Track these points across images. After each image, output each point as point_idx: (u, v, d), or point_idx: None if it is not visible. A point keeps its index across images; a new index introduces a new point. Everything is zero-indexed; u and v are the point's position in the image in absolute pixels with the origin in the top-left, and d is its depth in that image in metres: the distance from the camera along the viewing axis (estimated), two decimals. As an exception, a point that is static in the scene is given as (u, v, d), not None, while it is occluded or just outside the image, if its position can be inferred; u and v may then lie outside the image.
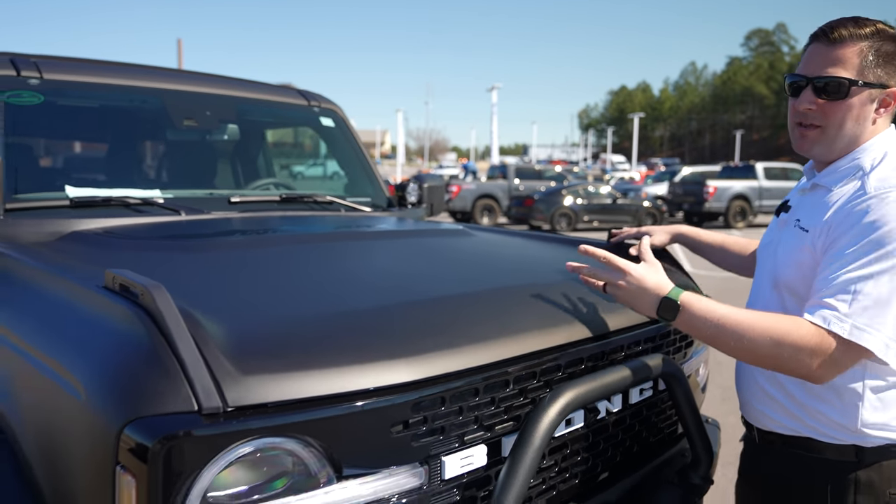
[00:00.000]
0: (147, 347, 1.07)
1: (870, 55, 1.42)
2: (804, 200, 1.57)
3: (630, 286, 1.47)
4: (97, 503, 1.05)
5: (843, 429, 1.45)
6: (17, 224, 1.96)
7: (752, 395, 1.60)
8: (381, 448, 1.16)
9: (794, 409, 1.50)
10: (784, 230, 1.58)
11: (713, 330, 1.38)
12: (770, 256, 1.59)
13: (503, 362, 1.33)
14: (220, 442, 1.01)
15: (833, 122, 1.46)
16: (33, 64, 2.38)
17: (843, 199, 1.42)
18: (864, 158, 1.46)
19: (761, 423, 1.58)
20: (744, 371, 1.63)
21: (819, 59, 1.45)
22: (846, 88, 1.42)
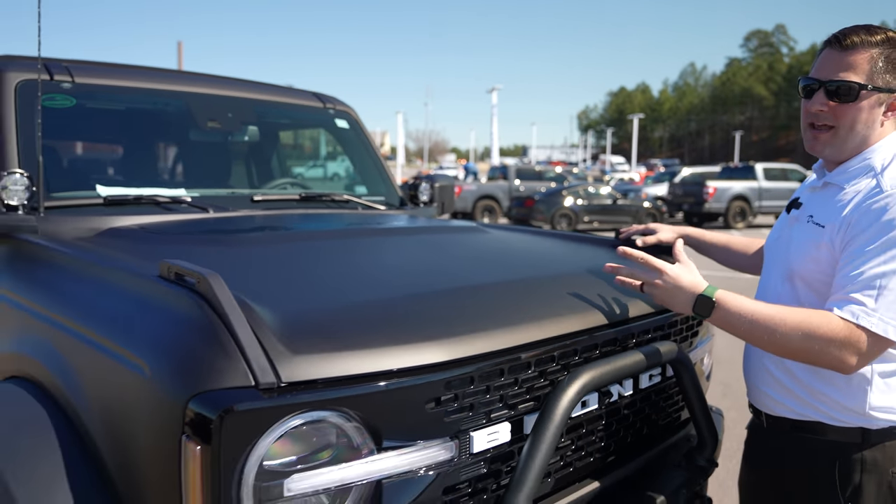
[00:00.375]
0: (207, 329, 1.18)
1: (879, 61, 1.51)
2: (815, 198, 1.65)
3: (667, 285, 1.56)
4: (162, 471, 1.15)
5: (850, 412, 1.54)
6: (57, 221, 2.07)
7: (762, 381, 1.68)
8: (416, 423, 1.26)
9: (803, 394, 1.59)
10: (796, 226, 1.66)
11: (747, 325, 1.46)
12: (782, 251, 1.67)
13: (525, 346, 1.44)
14: (275, 414, 1.12)
15: (844, 124, 1.55)
16: (65, 68, 2.49)
17: (859, 196, 1.51)
18: (874, 159, 1.56)
19: (770, 409, 1.67)
20: (752, 358, 1.72)
21: (832, 63, 1.55)
22: (856, 92, 1.52)
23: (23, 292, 1.75)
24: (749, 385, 1.76)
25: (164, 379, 1.17)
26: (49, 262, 1.78)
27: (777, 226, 1.79)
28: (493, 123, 45.87)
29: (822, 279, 1.54)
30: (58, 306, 1.55)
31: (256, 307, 1.24)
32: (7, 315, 1.78)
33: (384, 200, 3.12)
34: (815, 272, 1.56)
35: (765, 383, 1.67)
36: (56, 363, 1.44)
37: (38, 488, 1.27)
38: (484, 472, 1.38)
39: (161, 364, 1.19)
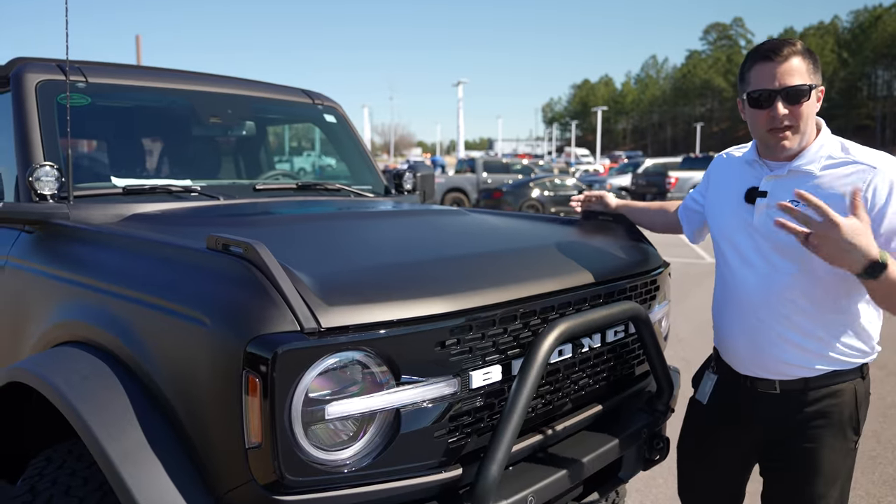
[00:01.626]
0: (257, 286, 1.45)
1: (809, 63, 1.81)
2: (784, 185, 1.85)
3: (842, 242, 1.55)
4: (226, 403, 1.41)
5: (859, 353, 1.85)
6: (86, 208, 2.29)
7: (781, 351, 1.87)
8: (426, 362, 1.55)
9: (824, 349, 1.83)
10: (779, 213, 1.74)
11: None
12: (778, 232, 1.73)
13: (512, 302, 1.74)
14: (318, 352, 1.39)
15: (803, 121, 1.81)
16: (78, 69, 2.70)
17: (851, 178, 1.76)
18: (827, 145, 1.85)
19: (788, 374, 1.87)
20: (763, 335, 1.88)
21: (777, 73, 1.79)
22: (807, 91, 1.79)
23: (68, 268, 1.98)
24: (761, 359, 1.91)
25: (224, 328, 1.43)
26: (93, 242, 2.02)
27: (730, 212, 1.98)
28: (459, 117, 46.15)
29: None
30: (111, 277, 1.79)
31: (294, 269, 1.51)
32: (51, 289, 2.02)
33: (371, 189, 3.39)
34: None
35: (785, 353, 1.86)
36: (115, 325, 1.69)
37: (111, 425, 1.52)
38: (480, 404, 1.67)
39: (221, 316, 1.45)
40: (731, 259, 1.97)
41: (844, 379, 1.86)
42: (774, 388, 1.91)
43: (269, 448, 1.36)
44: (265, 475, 1.38)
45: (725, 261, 2.00)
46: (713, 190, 2.14)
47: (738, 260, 1.95)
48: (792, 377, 1.88)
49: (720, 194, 2.08)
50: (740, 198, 1.95)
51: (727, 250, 2.00)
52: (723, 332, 2.04)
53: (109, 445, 1.48)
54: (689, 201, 2.34)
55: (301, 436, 1.39)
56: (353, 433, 1.48)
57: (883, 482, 3.71)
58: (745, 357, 1.96)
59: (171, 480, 1.46)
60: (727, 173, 2.08)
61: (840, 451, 1.88)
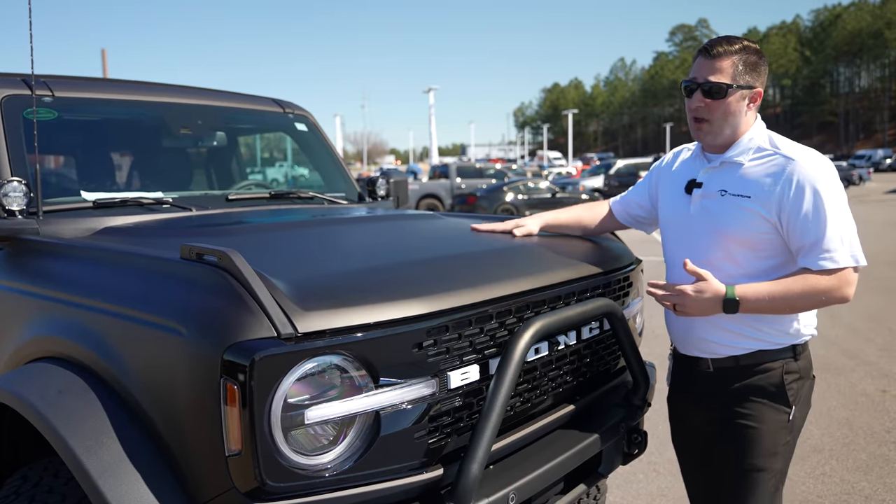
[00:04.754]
0: (233, 294, 1.45)
1: (740, 65, 1.91)
2: (716, 176, 2.00)
3: (696, 301, 1.88)
4: (204, 412, 1.41)
5: (785, 334, 1.97)
6: (56, 223, 2.27)
7: (709, 334, 2.01)
8: (404, 364, 1.55)
9: (749, 331, 1.96)
10: (711, 201, 1.99)
11: (768, 305, 1.86)
12: (705, 222, 1.99)
13: (487, 301, 1.75)
14: (295, 357, 1.40)
15: (717, 116, 1.94)
16: (44, 83, 2.68)
17: (773, 169, 1.90)
18: (756, 138, 1.97)
19: (717, 353, 2.02)
20: (698, 321, 2.00)
21: (705, 68, 1.93)
22: (725, 90, 1.91)
23: (40, 283, 1.96)
24: (691, 340, 2.07)
25: (200, 337, 1.43)
26: (64, 256, 2.00)
27: (672, 204, 2.14)
28: (431, 123, 46.24)
29: (755, 237, 1.91)
30: (84, 291, 1.78)
31: (269, 276, 1.52)
32: (23, 305, 1.99)
33: (345, 196, 3.39)
34: (749, 232, 1.91)
35: (713, 334, 2.00)
36: (90, 339, 1.68)
37: (89, 439, 1.51)
38: (459, 404, 1.68)
39: (197, 325, 1.45)
40: (672, 246, 2.13)
41: (773, 358, 1.98)
42: (709, 367, 2.05)
43: (250, 455, 1.36)
44: (246, 482, 1.38)
45: (668, 248, 2.16)
46: (662, 186, 2.24)
47: (677, 247, 2.10)
48: (721, 356, 2.02)
49: (667, 188, 2.20)
50: (681, 189, 2.10)
51: (669, 238, 2.16)
52: (668, 316, 2.16)
53: (88, 460, 1.47)
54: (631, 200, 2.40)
55: (281, 441, 1.39)
56: (333, 437, 1.48)
57: (857, 468, 3.79)
58: (681, 339, 2.12)
59: (152, 492, 1.45)
60: (675, 169, 2.19)
61: (773, 424, 1.97)
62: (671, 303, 1.93)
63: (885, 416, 4.52)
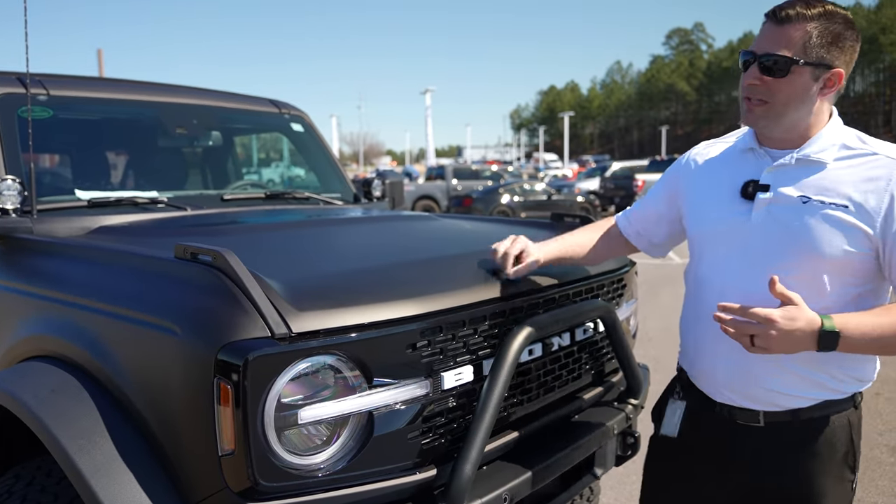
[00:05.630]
0: (227, 294, 1.45)
1: (814, 35, 1.48)
2: (790, 176, 1.57)
3: (781, 333, 1.41)
4: (197, 411, 1.41)
5: (856, 380, 1.60)
6: (50, 222, 2.27)
7: (771, 379, 1.59)
8: (398, 365, 1.56)
9: (822, 377, 1.56)
10: (790, 209, 1.55)
11: (875, 343, 1.44)
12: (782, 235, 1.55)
13: (481, 303, 1.76)
14: (289, 357, 1.40)
15: (778, 99, 1.53)
16: (39, 82, 2.67)
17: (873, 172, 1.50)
18: (839, 134, 1.57)
19: (777, 404, 1.60)
20: (753, 359, 1.57)
21: (767, 37, 1.53)
22: (787, 66, 1.49)
23: (34, 282, 1.96)
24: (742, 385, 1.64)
25: (194, 337, 1.43)
26: (58, 255, 2.00)
27: (717, 211, 1.67)
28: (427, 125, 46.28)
29: (850, 259, 1.50)
30: (78, 289, 1.78)
31: (263, 275, 1.52)
32: (16, 304, 1.99)
33: (340, 197, 3.39)
34: (844, 253, 1.49)
35: (777, 379, 1.58)
36: (83, 338, 1.67)
37: (81, 438, 1.50)
38: (453, 405, 1.69)
39: (191, 325, 1.45)
40: (716, 264, 1.66)
41: (837, 409, 1.60)
42: (758, 421, 1.64)
43: (243, 455, 1.36)
44: (239, 482, 1.38)
45: (708, 267, 1.69)
46: (692, 191, 1.79)
47: (724, 266, 1.64)
48: (781, 408, 1.61)
49: (705, 192, 1.74)
50: (734, 193, 1.64)
51: (711, 255, 1.69)
52: (696, 351, 1.75)
53: (80, 459, 1.47)
54: (640, 214, 1.97)
55: (274, 441, 1.39)
56: (326, 437, 1.49)
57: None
58: (724, 383, 1.67)
59: (144, 492, 1.45)
60: (712, 168, 1.76)
61: (836, 494, 1.62)
62: (749, 334, 1.44)
63: (877, 418, 4.54)
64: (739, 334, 1.45)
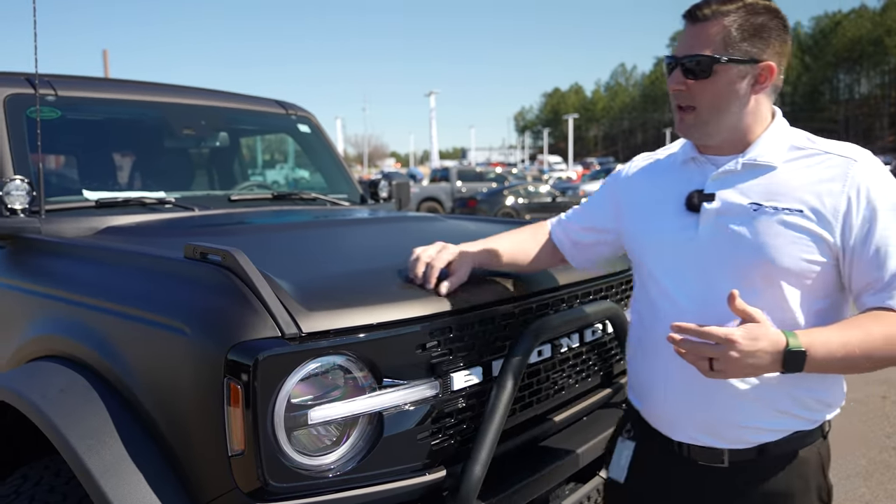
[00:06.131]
0: (237, 293, 1.45)
1: (733, 30, 1.37)
2: (736, 183, 1.44)
3: (743, 355, 1.24)
4: (207, 411, 1.40)
5: (826, 406, 1.46)
6: (58, 222, 2.27)
7: (735, 412, 1.43)
8: (408, 365, 1.55)
9: (791, 406, 1.42)
10: (740, 218, 1.40)
11: (841, 362, 1.29)
12: (733, 248, 1.40)
13: (490, 303, 1.75)
14: (299, 357, 1.39)
15: (704, 103, 1.41)
16: (47, 83, 2.67)
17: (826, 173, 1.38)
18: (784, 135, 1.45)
19: (743, 441, 1.44)
20: (713, 391, 1.42)
21: (687, 38, 1.42)
22: (709, 66, 1.38)
23: (42, 282, 1.96)
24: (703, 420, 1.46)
25: (204, 336, 1.43)
26: (67, 255, 2.00)
27: (660, 226, 1.52)
28: (431, 127, 46.29)
29: (810, 269, 1.37)
30: (87, 289, 1.77)
31: (272, 275, 1.51)
32: (25, 304, 1.99)
33: (347, 198, 3.39)
34: (803, 262, 1.36)
35: (740, 410, 1.42)
36: (92, 338, 1.67)
37: (90, 438, 1.50)
38: (462, 406, 1.68)
39: (201, 325, 1.45)
40: (666, 287, 1.50)
41: (807, 442, 1.45)
42: (721, 461, 1.46)
43: (253, 455, 1.36)
44: (249, 483, 1.38)
45: (658, 290, 1.52)
46: (634, 208, 1.63)
47: (675, 287, 1.48)
48: (747, 444, 1.44)
49: (648, 209, 1.58)
50: (679, 207, 1.49)
51: (660, 276, 1.52)
52: (648, 384, 1.56)
53: (89, 459, 1.46)
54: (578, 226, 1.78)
55: (284, 442, 1.39)
56: (336, 438, 1.48)
57: (856, 474, 3.78)
58: (682, 418, 1.49)
59: (154, 492, 1.45)
60: (653, 183, 1.61)
61: None
62: (706, 357, 1.27)
63: (884, 421, 4.52)
64: (696, 358, 1.28)
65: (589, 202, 1.81)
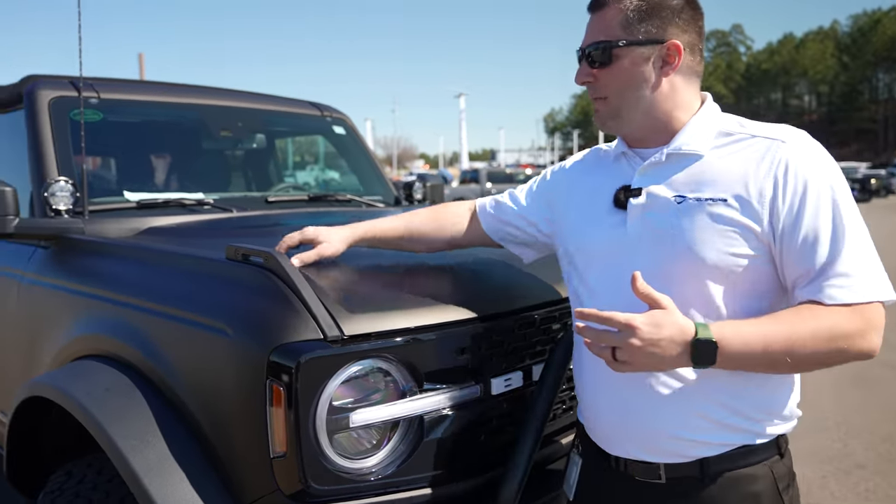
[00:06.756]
0: (280, 295, 1.45)
1: (629, 12, 1.32)
2: (662, 175, 1.35)
3: (646, 343, 1.15)
4: (249, 412, 1.41)
5: (776, 417, 1.33)
6: (101, 223, 2.30)
7: (667, 423, 1.31)
8: (448, 369, 1.54)
9: (732, 417, 1.30)
10: (665, 213, 1.32)
11: (761, 357, 1.18)
12: (660, 244, 1.31)
13: (530, 307, 1.73)
14: (342, 360, 1.39)
15: (612, 91, 1.36)
16: (90, 85, 2.72)
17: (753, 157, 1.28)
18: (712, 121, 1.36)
19: (679, 454, 1.32)
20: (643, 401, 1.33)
21: (589, 28, 1.38)
22: (609, 51, 1.33)
23: (87, 282, 1.99)
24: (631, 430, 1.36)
25: (247, 338, 1.43)
26: (110, 255, 2.03)
27: (590, 225, 1.44)
28: (461, 128, 46.30)
29: (738, 263, 1.26)
30: (131, 289, 1.80)
31: (313, 278, 1.51)
32: (70, 303, 2.02)
33: (382, 199, 3.39)
34: (729, 256, 1.26)
35: (674, 421, 1.31)
36: (136, 338, 1.69)
37: (134, 438, 1.52)
38: (502, 410, 1.66)
39: (243, 326, 1.45)
40: (596, 289, 1.41)
41: (757, 458, 1.31)
42: (658, 476, 1.34)
43: (294, 457, 1.35)
44: (290, 485, 1.38)
45: (588, 293, 1.43)
46: (563, 207, 1.55)
47: (604, 290, 1.39)
48: (685, 458, 1.32)
49: (577, 209, 1.50)
50: (608, 204, 1.41)
51: (589, 278, 1.43)
52: (584, 396, 1.48)
53: (133, 458, 1.48)
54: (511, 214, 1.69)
55: (326, 444, 1.38)
56: (376, 441, 1.47)
57: None
58: (614, 431, 1.40)
59: (196, 492, 1.46)
60: (585, 180, 1.53)
61: None
62: (610, 346, 1.18)
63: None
64: (598, 347, 1.20)
65: (525, 191, 1.70)
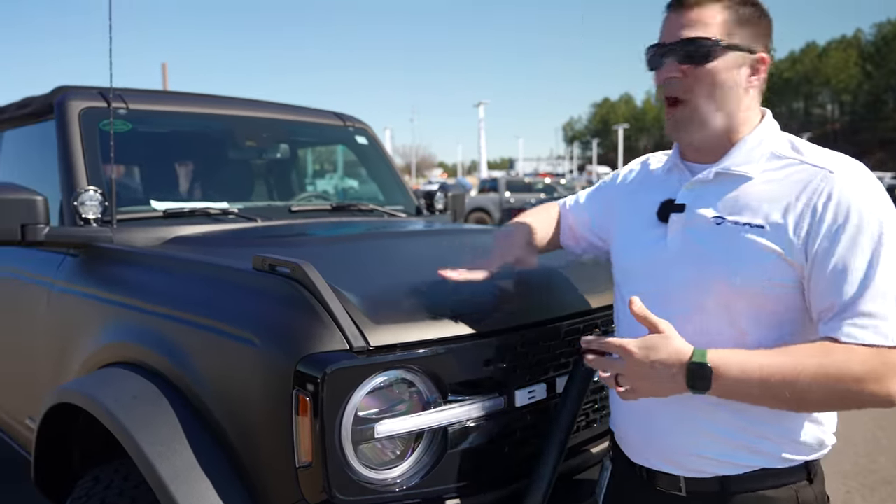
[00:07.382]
0: (306, 306, 1.46)
1: (729, 15, 1.28)
2: (708, 193, 1.33)
3: (640, 368, 1.16)
4: (275, 421, 1.42)
5: (802, 446, 1.30)
6: (129, 232, 2.34)
7: (689, 440, 1.32)
8: (473, 380, 1.54)
9: (750, 439, 1.28)
10: (703, 232, 1.31)
11: (758, 387, 1.15)
12: (695, 263, 1.30)
13: (556, 319, 1.73)
14: (367, 370, 1.39)
15: (701, 93, 1.29)
16: (119, 96, 2.76)
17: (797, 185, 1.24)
18: (769, 139, 1.33)
19: (697, 470, 1.32)
20: (667, 416, 1.33)
21: (676, 25, 1.30)
22: (710, 49, 1.26)
23: (115, 290, 2.02)
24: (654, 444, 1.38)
25: (273, 348, 1.45)
26: (139, 263, 2.06)
27: (634, 238, 1.45)
28: (480, 137, 46.36)
29: (769, 291, 1.24)
30: (158, 298, 1.82)
31: (340, 288, 1.52)
32: (98, 311, 2.05)
33: (404, 209, 3.41)
34: (761, 283, 1.23)
35: (694, 438, 1.31)
36: (163, 346, 1.71)
37: (161, 445, 1.53)
38: (526, 422, 1.66)
39: (270, 336, 1.47)
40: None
41: (781, 482, 1.29)
42: (678, 489, 1.35)
43: (320, 467, 1.36)
44: (315, 494, 1.39)
45: (623, 305, 1.40)
46: (618, 215, 1.56)
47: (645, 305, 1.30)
48: (704, 475, 1.32)
49: (628, 219, 1.51)
50: (652, 217, 1.41)
51: (625, 292, 1.43)
52: (613, 405, 1.52)
53: (160, 465, 1.49)
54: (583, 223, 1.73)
55: (351, 455, 1.39)
56: (401, 451, 1.48)
57: None
58: (638, 441, 1.43)
59: (222, 499, 1.47)
60: (639, 189, 1.53)
61: None
62: (614, 373, 1.22)
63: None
64: (602, 373, 1.22)
65: (589, 197, 1.76)
